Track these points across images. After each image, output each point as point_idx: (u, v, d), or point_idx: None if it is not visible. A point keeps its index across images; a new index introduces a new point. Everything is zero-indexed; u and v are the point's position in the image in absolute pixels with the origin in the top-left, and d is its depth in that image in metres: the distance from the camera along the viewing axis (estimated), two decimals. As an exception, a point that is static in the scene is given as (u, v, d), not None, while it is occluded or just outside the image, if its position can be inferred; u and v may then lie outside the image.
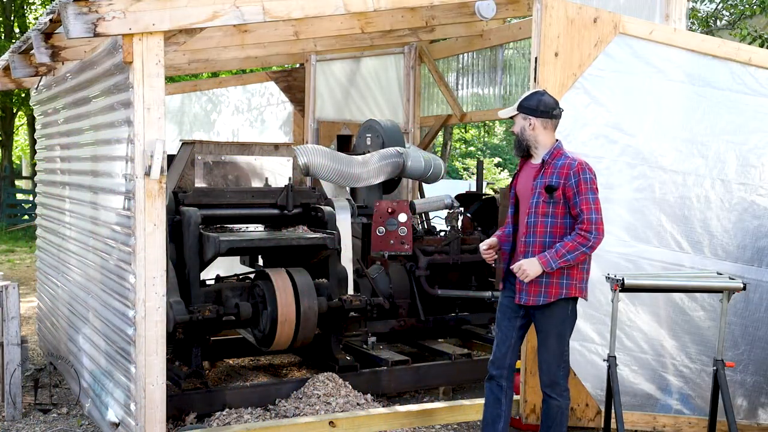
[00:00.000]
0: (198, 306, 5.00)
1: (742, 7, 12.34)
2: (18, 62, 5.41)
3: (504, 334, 4.11)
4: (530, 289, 3.89)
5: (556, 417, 3.99)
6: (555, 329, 3.92)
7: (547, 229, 3.87)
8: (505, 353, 4.10)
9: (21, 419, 5.07)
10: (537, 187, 3.89)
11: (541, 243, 3.88)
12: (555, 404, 3.98)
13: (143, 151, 3.90)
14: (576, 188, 3.81)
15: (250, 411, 4.99)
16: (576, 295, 3.93)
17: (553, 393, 3.98)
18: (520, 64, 8.18)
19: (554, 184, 3.84)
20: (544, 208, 3.86)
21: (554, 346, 3.94)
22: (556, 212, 3.86)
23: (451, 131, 20.99)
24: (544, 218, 3.87)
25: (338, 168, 6.31)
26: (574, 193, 3.81)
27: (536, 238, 3.89)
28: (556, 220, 3.86)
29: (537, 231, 3.89)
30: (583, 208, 3.79)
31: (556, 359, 3.95)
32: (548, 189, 3.84)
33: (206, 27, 4.03)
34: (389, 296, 6.24)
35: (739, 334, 4.98)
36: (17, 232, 18.06)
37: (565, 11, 4.78)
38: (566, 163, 3.87)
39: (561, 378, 3.97)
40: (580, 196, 3.80)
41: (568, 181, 3.82)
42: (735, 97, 4.98)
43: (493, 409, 4.15)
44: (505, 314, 4.11)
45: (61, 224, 5.82)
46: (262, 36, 7.07)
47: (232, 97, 9.41)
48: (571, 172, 3.83)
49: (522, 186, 4.04)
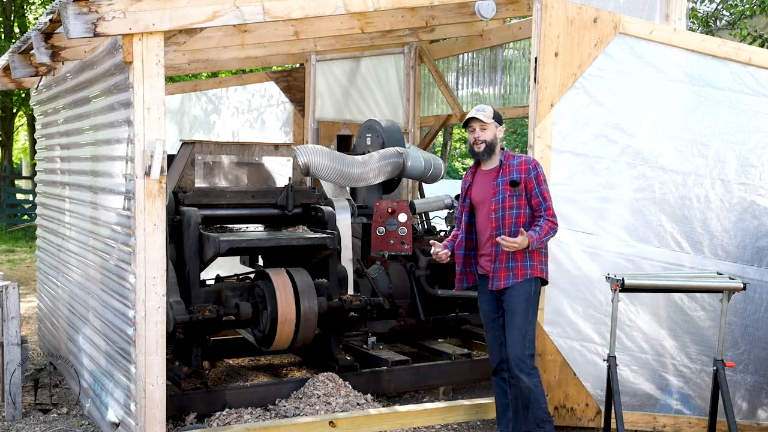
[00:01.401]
0: (198, 306, 5.00)
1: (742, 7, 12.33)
2: (18, 62, 5.41)
3: (492, 335, 4.51)
4: (500, 274, 4.32)
5: (529, 398, 4.30)
6: (520, 307, 4.29)
7: (513, 220, 4.31)
8: (499, 350, 4.49)
9: (21, 419, 5.07)
10: (500, 185, 4.33)
11: (508, 232, 4.29)
12: (525, 386, 4.29)
13: (143, 151, 3.90)
14: (536, 180, 4.30)
15: (250, 411, 4.99)
16: (538, 275, 4.34)
17: (521, 373, 4.28)
18: (520, 64, 8.18)
19: (516, 178, 4.31)
20: (510, 201, 4.31)
21: (520, 323, 4.29)
22: (519, 204, 4.32)
23: (451, 131, 21.02)
24: (510, 210, 4.32)
25: (338, 168, 6.31)
26: (535, 185, 4.30)
27: (505, 229, 4.31)
28: (520, 211, 4.32)
29: (505, 223, 4.32)
30: (545, 197, 4.30)
31: (521, 337, 4.29)
32: (512, 183, 4.31)
33: (206, 27, 4.03)
34: (389, 296, 6.24)
35: (739, 334, 4.98)
36: (17, 232, 18.06)
37: (565, 11, 4.78)
38: (522, 160, 4.37)
39: (527, 357, 4.30)
40: (540, 187, 4.30)
41: (529, 174, 4.31)
42: (735, 97, 4.98)
43: (502, 399, 4.57)
44: (488, 318, 4.51)
45: (61, 224, 5.82)
46: (262, 36, 7.07)
47: (232, 99, 9.41)
48: (530, 167, 4.33)
49: (479, 192, 4.45)
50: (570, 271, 4.83)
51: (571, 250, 4.83)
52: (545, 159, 4.78)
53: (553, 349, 4.84)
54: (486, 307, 4.49)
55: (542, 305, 4.75)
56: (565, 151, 4.83)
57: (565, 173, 4.83)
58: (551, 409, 4.86)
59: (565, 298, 4.82)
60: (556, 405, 4.89)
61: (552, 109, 4.79)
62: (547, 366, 4.82)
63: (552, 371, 4.85)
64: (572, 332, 4.86)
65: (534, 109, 4.81)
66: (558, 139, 4.81)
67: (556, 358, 4.85)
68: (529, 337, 4.30)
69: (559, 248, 4.77)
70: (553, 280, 4.77)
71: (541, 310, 4.76)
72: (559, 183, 4.78)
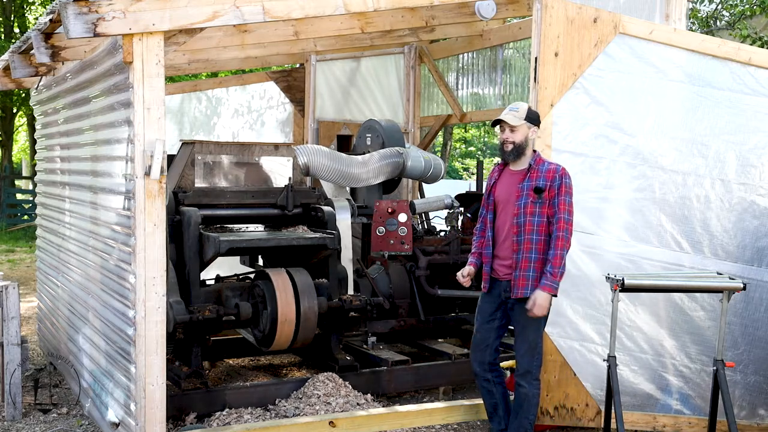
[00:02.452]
0: (198, 306, 5.00)
1: (742, 8, 12.33)
2: (18, 62, 5.41)
3: (482, 336, 4.47)
4: (519, 282, 4.24)
5: (523, 403, 4.34)
6: (534, 320, 4.24)
7: (534, 227, 4.22)
8: (485, 352, 4.47)
9: (21, 419, 5.07)
10: (524, 189, 4.25)
11: (529, 240, 4.22)
12: (523, 392, 4.32)
13: (143, 151, 3.90)
14: (558, 190, 4.20)
15: (250, 411, 4.99)
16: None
17: (524, 381, 4.32)
18: (520, 64, 8.18)
19: (542, 185, 4.21)
20: (532, 208, 4.21)
21: (531, 336, 4.29)
22: (542, 212, 4.22)
23: (451, 131, 21.02)
24: (531, 217, 4.22)
25: (338, 168, 6.31)
26: (556, 194, 4.20)
27: (525, 236, 4.23)
28: (542, 219, 4.22)
29: (526, 229, 4.23)
30: (561, 208, 4.19)
31: (531, 350, 4.29)
32: (537, 190, 4.21)
33: (206, 27, 4.03)
34: (389, 296, 6.24)
35: (739, 334, 4.98)
36: (17, 232, 18.06)
37: (565, 11, 4.78)
38: (551, 168, 4.26)
39: (534, 368, 4.33)
40: (560, 197, 4.19)
41: (554, 183, 4.21)
42: (735, 97, 4.98)
43: (489, 399, 4.55)
44: (484, 318, 4.47)
45: (61, 224, 5.82)
46: (262, 36, 7.07)
47: (232, 100, 9.41)
48: (557, 176, 4.22)
49: (503, 191, 4.37)
50: (570, 271, 4.82)
51: (571, 250, 4.81)
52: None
53: (553, 349, 4.83)
54: (486, 307, 4.46)
55: (542, 305, 4.76)
56: (565, 151, 4.83)
57: (565, 173, 4.83)
58: (551, 409, 4.87)
59: (565, 298, 4.82)
60: (556, 405, 4.89)
61: (552, 109, 4.79)
62: (547, 366, 4.82)
63: (552, 371, 4.85)
64: (572, 332, 4.86)
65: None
66: (558, 139, 4.81)
67: (556, 358, 4.85)
68: (539, 349, 4.32)
69: (559, 248, 4.76)
70: (553, 280, 4.78)
71: (541, 310, 4.77)
72: (559, 183, 4.78)
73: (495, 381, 4.50)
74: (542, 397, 4.83)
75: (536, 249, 4.21)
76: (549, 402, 4.86)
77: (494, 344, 4.46)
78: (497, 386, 4.50)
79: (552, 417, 4.89)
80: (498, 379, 4.50)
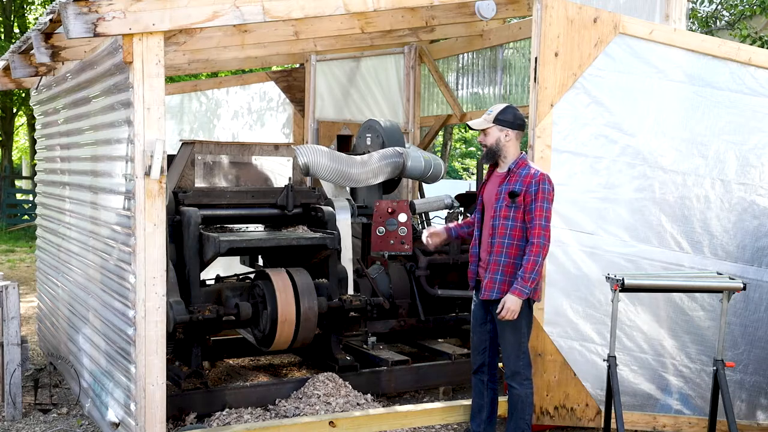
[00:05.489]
0: (198, 306, 5.00)
1: (742, 8, 12.32)
2: (18, 62, 5.41)
3: (478, 338, 4.50)
4: (487, 284, 4.28)
5: (516, 405, 4.32)
6: (509, 322, 4.22)
7: (507, 231, 4.21)
8: (482, 353, 4.50)
9: (21, 419, 5.07)
10: (502, 192, 4.24)
11: (500, 243, 4.23)
12: (515, 393, 4.31)
13: (143, 151, 3.90)
14: (534, 195, 4.15)
15: (250, 411, 4.99)
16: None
17: (514, 382, 4.31)
18: (520, 64, 8.18)
19: (517, 190, 4.19)
20: (506, 212, 4.21)
21: (510, 338, 4.27)
22: (516, 216, 4.19)
23: (451, 131, 21.02)
24: (505, 221, 4.22)
25: (338, 168, 6.31)
26: (532, 200, 4.15)
27: (497, 239, 4.24)
28: (516, 224, 4.20)
29: (499, 232, 4.24)
30: (536, 215, 4.14)
31: (515, 350, 4.27)
32: (511, 194, 4.19)
33: (206, 27, 4.03)
34: (389, 296, 6.24)
35: (739, 334, 4.98)
36: (17, 232, 18.06)
37: (565, 11, 4.78)
38: (530, 173, 4.21)
39: (522, 368, 4.30)
40: (536, 203, 4.14)
41: (530, 188, 4.16)
42: (735, 97, 4.98)
43: (479, 400, 4.58)
44: (477, 320, 4.49)
45: (61, 224, 5.82)
46: (262, 36, 7.07)
47: (232, 101, 9.41)
48: (533, 181, 4.17)
49: (488, 193, 4.38)
50: (570, 271, 4.83)
51: (571, 250, 4.83)
52: (545, 159, 4.78)
53: (553, 349, 4.84)
54: (476, 311, 4.49)
55: (542, 305, 4.76)
56: (565, 151, 4.83)
57: (565, 173, 4.83)
58: (551, 409, 4.87)
59: (565, 298, 4.83)
60: (556, 405, 4.89)
61: (552, 109, 4.79)
62: (547, 366, 4.82)
63: (552, 371, 4.85)
64: (572, 332, 4.86)
65: (534, 109, 4.82)
66: (558, 139, 4.81)
67: (556, 358, 4.85)
68: (524, 349, 4.29)
69: (559, 248, 4.77)
70: (553, 280, 4.78)
71: (541, 310, 4.77)
72: (559, 183, 4.76)
73: (488, 385, 4.53)
74: (542, 397, 4.83)
75: (506, 253, 4.20)
76: (549, 402, 4.87)
77: (489, 347, 4.48)
78: (488, 390, 4.54)
79: (552, 417, 4.89)
80: (492, 384, 4.53)
